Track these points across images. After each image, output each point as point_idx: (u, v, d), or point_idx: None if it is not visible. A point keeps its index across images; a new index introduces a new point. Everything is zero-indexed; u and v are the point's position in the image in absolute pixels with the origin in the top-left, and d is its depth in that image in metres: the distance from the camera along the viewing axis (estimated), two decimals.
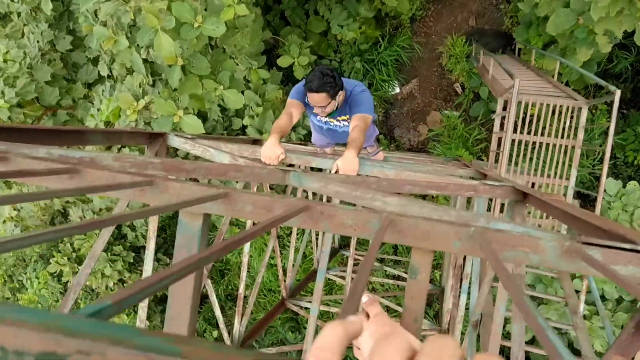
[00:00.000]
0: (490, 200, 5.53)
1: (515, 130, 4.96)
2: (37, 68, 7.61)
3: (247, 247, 5.03)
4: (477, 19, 9.17)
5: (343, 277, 7.79)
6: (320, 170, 6.69)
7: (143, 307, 3.09)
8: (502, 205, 5.15)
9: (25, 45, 7.62)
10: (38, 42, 7.72)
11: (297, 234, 8.17)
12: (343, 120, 3.44)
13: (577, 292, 5.21)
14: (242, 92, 6.69)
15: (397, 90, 9.46)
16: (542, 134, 5.14)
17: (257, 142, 4.22)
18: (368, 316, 1.11)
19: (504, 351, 5.42)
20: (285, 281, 6.93)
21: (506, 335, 4.85)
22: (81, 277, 2.36)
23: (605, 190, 5.57)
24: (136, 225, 8.79)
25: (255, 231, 0.83)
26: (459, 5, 9.21)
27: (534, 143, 5.20)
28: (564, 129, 5.12)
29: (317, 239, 7.98)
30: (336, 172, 2.81)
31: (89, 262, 2.34)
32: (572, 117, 5.09)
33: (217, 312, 4.39)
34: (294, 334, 9.62)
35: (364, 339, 1.08)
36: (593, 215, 1.50)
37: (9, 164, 1.10)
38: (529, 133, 5.15)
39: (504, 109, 5.21)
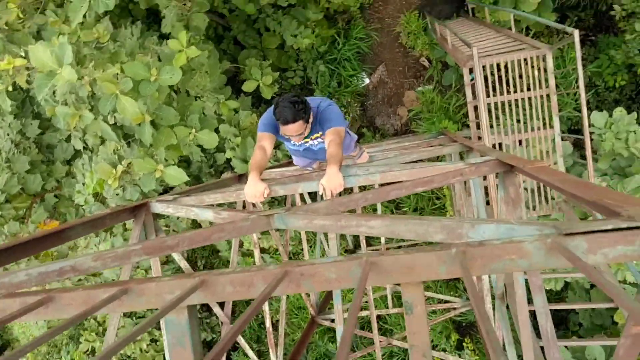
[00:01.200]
0: None
1: (488, 95, 4.93)
2: (14, 160, 7.57)
3: None
4: None
5: None
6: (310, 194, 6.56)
7: None
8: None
9: None
10: (8, 134, 7.69)
11: (310, 245, 8.12)
12: (317, 137, 3.42)
13: None
14: (217, 129, 6.67)
15: (367, 80, 9.44)
16: (515, 91, 5.11)
17: (242, 178, 4.20)
18: None
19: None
20: (309, 298, 6.90)
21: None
22: None
23: (593, 125, 5.54)
24: None
25: (242, 323, 0.81)
26: None
27: (510, 101, 5.17)
28: (534, 79, 5.09)
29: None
30: (323, 192, 2.78)
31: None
32: (539, 67, 5.06)
33: (250, 353, 4.36)
34: (334, 344, 9.58)
35: None
36: (577, 183, 1.48)
37: None
38: (502, 93, 5.12)
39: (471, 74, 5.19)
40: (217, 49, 7.94)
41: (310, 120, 3.19)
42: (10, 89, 5.45)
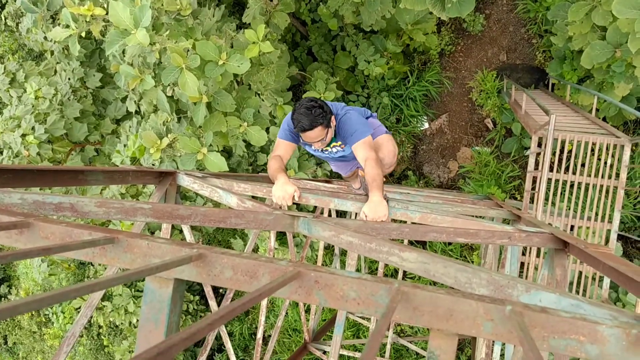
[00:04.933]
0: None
1: (551, 169, 4.67)
2: (68, 105, 7.67)
3: None
4: (508, 54, 8.96)
5: (369, 319, 7.47)
6: (340, 212, 6.41)
7: None
8: (539, 248, 4.81)
9: (57, 82, 7.72)
10: (69, 79, 7.81)
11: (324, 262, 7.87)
12: (335, 146, 3.28)
13: None
14: (267, 129, 6.59)
15: (426, 125, 9.25)
16: (581, 174, 4.80)
17: None
18: None
19: None
20: (308, 322, 6.65)
21: None
22: (76, 327, 2.18)
23: None
24: None
25: (229, 311, 0.63)
26: (489, 40, 9.02)
27: (572, 183, 4.87)
28: (604, 167, 4.78)
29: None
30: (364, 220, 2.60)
31: (85, 311, 2.17)
32: (613, 156, 4.76)
33: (233, 359, 4.13)
34: None
35: None
36: None
37: None
38: (566, 172, 4.83)
39: (539, 146, 4.94)
40: (290, 54, 7.93)
41: (333, 124, 3.01)
42: (83, 35, 5.51)
